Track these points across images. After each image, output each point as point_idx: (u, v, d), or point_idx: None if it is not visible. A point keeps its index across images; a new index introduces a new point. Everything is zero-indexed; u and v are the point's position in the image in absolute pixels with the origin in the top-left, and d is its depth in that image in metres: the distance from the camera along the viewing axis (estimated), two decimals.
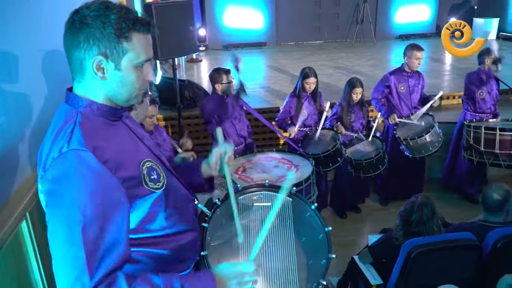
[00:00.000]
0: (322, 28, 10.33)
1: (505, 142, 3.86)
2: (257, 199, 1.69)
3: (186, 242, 1.48)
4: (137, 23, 1.26)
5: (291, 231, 1.61)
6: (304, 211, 1.68)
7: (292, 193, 1.72)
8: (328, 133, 4.12)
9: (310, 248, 1.60)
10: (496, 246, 2.46)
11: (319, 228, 1.64)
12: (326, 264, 1.55)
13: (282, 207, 1.64)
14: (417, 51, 4.27)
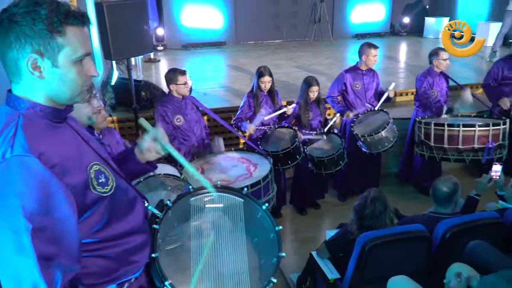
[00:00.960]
0: (281, 27, 10.41)
1: (453, 137, 4.02)
2: (209, 200, 1.67)
3: (135, 245, 1.45)
4: (70, 16, 1.21)
5: (243, 232, 1.61)
6: (255, 212, 1.69)
7: (244, 194, 1.72)
8: (286, 131, 4.15)
9: (262, 248, 1.61)
10: (445, 236, 2.56)
11: (270, 227, 1.65)
12: (276, 263, 1.56)
13: (234, 209, 1.64)
14: (373, 49, 4.39)
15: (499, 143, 3.98)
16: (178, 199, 1.64)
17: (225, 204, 1.66)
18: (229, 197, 1.69)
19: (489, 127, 3.94)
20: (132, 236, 1.44)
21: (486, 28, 8.82)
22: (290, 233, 4.46)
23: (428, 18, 10.35)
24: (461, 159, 4.11)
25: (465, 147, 3.99)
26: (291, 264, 3.81)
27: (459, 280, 1.93)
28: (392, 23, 10.81)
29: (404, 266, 2.53)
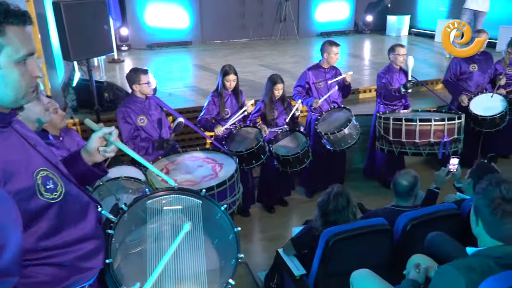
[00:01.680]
0: (247, 26, 10.41)
1: (410, 132, 4.15)
2: (167, 202, 1.65)
3: (87, 251, 1.41)
4: (10, 16, 1.16)
5: (202, 234, 1.59)
6: (214, 213, 1.67)
7: (202, 196, 1.70)
8: (251, 130, 4.15)
9: (222, 249, 1.60)
10: (405, 228, 2.62)
11: (229, 228, 1.64)
12: (235, 264, 1.55)
13: (192, 210, 1.62)
14: (334, 46, 4.45)
15: (454, 137, 4.13)
16: (134, 202, 1.61)
17: (183, 206, 1.64)
18: (187, 198, 1.67)
19: (444, 122, 4.07)
20: (84, 243, 1.40)
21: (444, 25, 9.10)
22: (258, 231, 4.47)
23: (390, 17, 10.60)
24: (418, 153, 4.24)
25: (421, 141, 4.12)
26: (260, 262, 3.82)
27: (418, 271, 1.98)
28: (356, 21, 11.01)
29: (367, 259, 2.57)
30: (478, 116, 4.79)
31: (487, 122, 4.78)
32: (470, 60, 4.98)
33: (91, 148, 1.54)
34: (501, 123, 4.79)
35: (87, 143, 1.55)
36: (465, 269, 1.55)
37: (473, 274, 1.53)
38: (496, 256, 1.57)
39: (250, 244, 4.22)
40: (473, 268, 1.55)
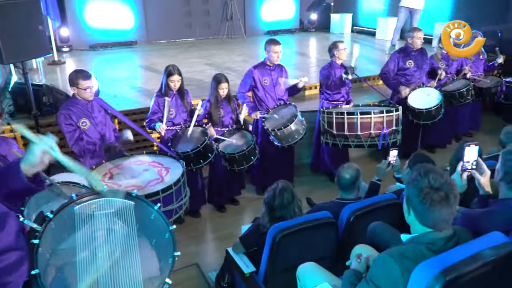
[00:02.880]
0: (193, 25, 10.30)
1: (352, 125, 4.32)
2: (97, 207, 1.60)
3: (7, 264, 1.34)
4: None
5: (138, 235, 1.56)
6: (149, 213, 1.65)
7: (134, 196, 1.67)
8: (197, 129, 4.12)
9: (160, 249, 1.58)
10: (349, 220, 2.71)
11: (165, 228, 1.63)
12: (172, 263, 1.54)
13: (125, 212, 1.59)
14: (275, 45, 4.50)
15: (393, 128, 4.34)
16: (60, 209, 1.54)
17: (115, 209, 1.60)
18: (118, 201, 1.63)
19: (383, 114, 4.27)
20: (4, 255, 1.33)
21: (385, 23, 9.50)
22: (210, 231, 4.46)
23: (333, 15, 10.88)
24: (361, 145, 4.41)
25: (363, 133, 4.30)
26: (212, 262, 3.81)
27: (359, 261, 2.06)
28: (302, 19, 11.20)
29: (314, 252, 2.64)
30: (416, 109, 5.04)
31: (424, 114, 5.04)
32: (407, 57, 5.22)
33: (32, 162, 1.46)
34: (437, 115, 5.07)
35: (27, 156, 1.47)
36: (399, 256, 1.63)
37: (407, 261, 1.61)
38: (427, 242, 1.66)
39: (202, 245, 4.19)
40: (406, 255, 1.63)
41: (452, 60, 5.78)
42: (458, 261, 1.50)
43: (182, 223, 4.41)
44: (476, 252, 1.55)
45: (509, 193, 1.95)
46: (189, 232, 4.32)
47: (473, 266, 1.51)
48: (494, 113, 6.83)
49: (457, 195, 1.64)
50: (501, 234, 1.67)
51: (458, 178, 2.12)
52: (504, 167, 1.93)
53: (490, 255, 1.56)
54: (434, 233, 1.67)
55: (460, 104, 5.55)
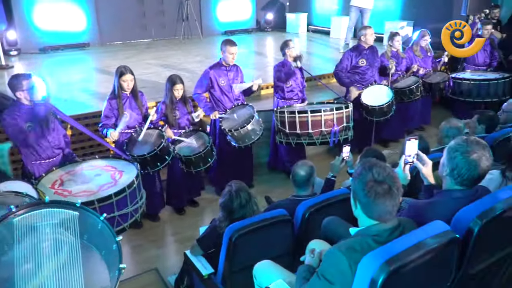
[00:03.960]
0: (148, 26, 10.12)
1: (303, 123, 4.40)
2: (38, 218, 1.54)
3: None
4: None
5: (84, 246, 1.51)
6: (95, 223, 1.60)
7: (78, 207, 1.62)
8: (153, 132, 4.06)
9: (109, 260, 1.54)
10: (304, 217, 2.75)
11: (111, 239, 1.59)
12: (118, 275, 1.50)
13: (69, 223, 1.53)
14: (231, 46, 4.50)
15: (343, 125, 4.45)
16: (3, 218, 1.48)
17: (58, 220, 1.54)
18: (61, 211, 1.58)
19: (333, 112, 4.37)
20: None
21: (338, 22, 9.72)
22: (170, 235, 4.39)
23: (288, 15, 11.02)
24: (312, 143, 4.50)
25: (314, 131, 4.38)
26: (172, 266, 3.76)
27: (312, 256, 2.09)
28: (258, 19, 11.26)
29: (271, 250, 2.65)
30: (369, 106, 5.19)
31: (376, 111, 5.20)
32: (359, 55, 5.36)
33: None
34: (389, 111, 5.25)
35: None
36: (347, 249, 1.68)
37: (354, 253, 1.66)
38: (373, 234, 1.71)
39: (162, 249, 4.13)
40: (354, 247, 1.68)
41: (401, 57, 5.99)
42: (401, 251, 1.56)
43: (141, 227, 4.33)
44: (419, 241, 1.62)
45: (454, 185, 2.03)
46: (148, 236, 4.24)
47: (416, 254, 1.57)
48: (443, 107, 7.13)
49: (400, 187, 1.70)
50: (443, 223, 1.75)
51: (401, 171, 2.21)
52: (450, 163, 2.00)
53: (432, 243, 1.63)
54: (379, 225, 1.72)
55: (411, 100, 5.76)
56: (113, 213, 3.06)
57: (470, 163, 1.91)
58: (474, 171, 1.91)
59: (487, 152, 1.94)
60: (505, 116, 3.96)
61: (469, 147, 1.92)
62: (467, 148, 1.93)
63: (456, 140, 1.99)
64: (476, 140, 1.97)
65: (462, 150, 1.93)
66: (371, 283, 1.52)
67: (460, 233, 1.80)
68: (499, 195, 1.94)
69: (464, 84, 5.98)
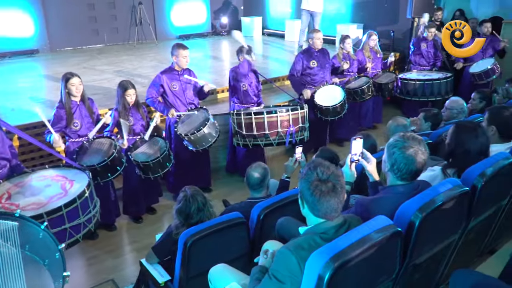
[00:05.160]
0: (100, 31, 9.87)
1: (260, 124, 4.46)
2: None
3: None
4: None
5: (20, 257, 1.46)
6: (36, 233, 1.56)
7: (17, 217, 1.57)
8: (105, 141, 3.96)
9: (53, 269, 1.50)
10: (259, 218, 2.78)
11: (54, 247, 1.55)
12: (62, 284, 1.47)
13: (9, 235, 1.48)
14: (183, 49, 4.49)
15: (299, 126, 4.54)
16: None
17: None
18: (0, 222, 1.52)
19: (288, 112, 4.45)
20: None
21: (292, 25, 9.87)
22: (127, 244, 4.31)
23: (243, 18, 11.08)
24: (269, 143, 4.57)
25: (271, 132, 4.46)
26: (129, 276, 3.69)
27: (266, 256, 2.12)
28: (213, 23, 11.25)
29: (227, 254, 2.66)
30: (322, 106, 5.32)
31: (330, 111, 5.34)
32: (310, 57, 5.49)
33: None
34: (342, 111, 5.40)
35: None
36: (295, 248, 1.72)
37: (303, 252, 1.70)
38: (321, 232, 1.77)
39: (119, 259, 4.03)
40: (302, 246, 1.72)
41: (352, 59, 6.18)
42: (346, 247, 1.62)
43: (96, 238, 4.22)
44: (363, 236, 1.68)
45: (396, 181, 2.13)
46: (104, 247, 4.14)
47: (360, 249, 1.63)
48: (394, 106, 7.42)
49: (343, 185, 1.76)
50: (385, 218, 1.83)
51: (347, 169, 2.29)
52: (390, 159, 2.10)
53: (375, 238, 1.69)
54: (326, 222, 1.78)
55: (363, 100, 5.96)
56: (64, 225, 2.97)
57: (408, 158, 2.01)
58: (411, 165, 2.02)
59: (423, 147, 2.05)
60: (448, 113, 4.16)
61: (406, 143, 2.03)
62: (404, 144, 2.03)
63: (394, 137, 2.09)
64: (412, 136, 2.08)
65: (400, 146, 2.03)
66: (318, 280, 1.57)
67: (403, 226, 1.89)
68: (438, 188, 2.04)
69: (410, 84, 6.26)
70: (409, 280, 2.08)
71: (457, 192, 2.04)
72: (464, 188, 2.09)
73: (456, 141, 2.44)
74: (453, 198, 2.02)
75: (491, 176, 2.23)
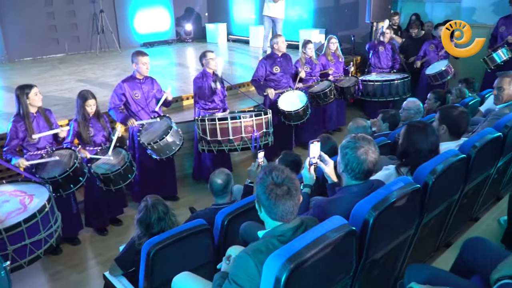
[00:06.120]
0: (61, 40, 9.64)
1: (224, 130, 4.49)
2: None
3: None
4: None
5: None
6: None
7: None
8: (65, 152, 3.89)
9: None
10: (223, 224, 2.79)
11: None
12: None
13: None
14: (142, 56, 4.46)
15: (263, 131, 4.59)
16: None
17: None
18: None
19: (252, 118, 4.50)
20: None
21: (256, 31, 9.96)
22: (91, 257, 4.22)
23: (208, 25, 11.09)
24: (234, 149, 4.62)
25: (235, 137, 4.50)
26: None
27: (228, 262, 2.13)
28: (178, 30, 11.20)
29: (192, 262, 2.65)
30: (286, 111, 5.40)
31: (293, 116, 5.42)
32: (273, 63, 5.57)
33: None
34: (305, 115, 5.50)
35: None
36: (253, 252, 1.74)
37: (261, 255, 1.72)
38: (278, 235, 1.80)
39: (83, 273, 3.95)
40: (260, 249, 1.75)
41: (315, 64, 6.30)
42: (302, 248, 1.65)
43: (60, 253, 4.11)
44: (318, 236, 1.73)
45: (351, 181, 2.20)
46: (68, 262, 4.04)
47: (315, 249, 1.67)
48: (357, 108, 7.60)
49: (298, 187, 1.80)
50: (340, 217, 1.88)
51: (306, 172, 2.34)
52: (343, 160, 2.17)
53: (330, 237, 1.74)
54: (283, 225, 1.81)
55: (326, 103, 6.08)
56: (24, 241, 2.90)
57: (359, 157, 2.09)
58: (363, 164, 2.10)
59: (373, 146, 2.13)
60: (405, 113, 4.31)
61: (357, 143, 2.11)
62: (356, 144, 2.11)
63: (346, 139, 2.17)
64: (363, 136, 2.16)
65: (351, 146, 2.11)
66: (276, 282, 1.59)
67: (358, 225, 1.95)
68: (391, 186, 2.12)
69: (370, 85, 6.45)
70: (368, 276, 2.14)
71: (409, 190, 2.12)
72: (415, 185, 2.17)
73: (408, 141, 2.54)
74: (405, 195, 2.10)
75: (441, 172, 2.33)
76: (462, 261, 2.18)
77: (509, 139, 3.02)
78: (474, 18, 7.29)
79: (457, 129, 2.87)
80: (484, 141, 2.73)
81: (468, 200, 2.92)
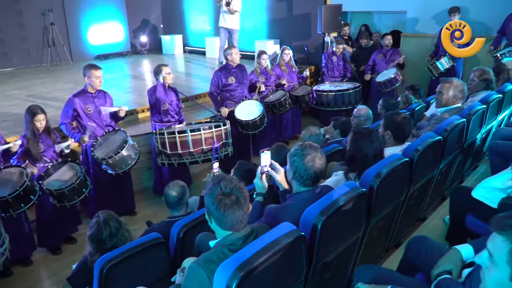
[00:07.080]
0: (9, 54, 9.30)
1: (184, 143, 4.47)
2: None
3: None
4: None
5: None
6: None
7: None
8: (14, 170, 3.75)
9: None
10: (179, 236, 2.78)
11: None
12: None
13: None
14: (95, 69, 4.39)
15: (223, 141, 4.62)
16: None
17: None
18: None
19: (212, 129, 4.52)
20: None
21: (212, 42, 10.02)
22: (45, 278, 4.08)
23: (164, 36, 11.05)
24: (195, 161, 4.60)
25: (196, 149, 4.48)
26: None
27: (182, 274, 2.14)
28: (133, 42, 11.07)
29: (148, 276, 2.63)
30: (243, 121, 5.46)
31: (250, 125, 5.49)
32: (228, 74, 5.63)
33: None
34: (262, 124, 5.58)
35: None
36: (204, 262, 1.76)
37: (212, 265, 1.75)
38: (229, 244, 1.83)
39: None
40: (211, 259, 1.78)
41: (270, 74, 6.42)
42: (251, 255, 1.69)
43: (11, 275, 3.93)
44: (267, 243, 1.77)
45: (300, 188, 2.28)
46: (20, 284, 3.89)
47: (265, 256, 1.71)
48: (312, 116, 7.79)
49: (247, 196, 1.85)
50: (289, 224, 1.93)
51: (258, 180, 2.40)
52: (292, 168, 2.25)
53: (278, 244, 1.79)
54: (233, 234, 1.85)
55: (281, 112, 6.20)
56: None
57: (306, 164, 2.17)
58: (310, 170, 2.18)
59: (319, 153, 2.22)
60: (356, 121, 4.48)
61: (304, 151, 2.19)
62: (303, 152, 2.19)
63: (294, 147, 2.25)
64: (310, 144, 2.25)
65: (299, 154, 2.19)
66: None
67: (307, 230, 2.01)
68: (338, 191, 2.20)
69: (324, 95, 6.64)
70: (320, 280, 2.21)
71: (355, 194, 2.22)
72: (361, 190, 2.27)
73: (354, 147, 2.65)
74: (352, 200, 2.18)
75: (386, 176, 2.44)
76: (407, 260, 2.29)
77: (449, 142, 3.21)
78: (417, 29, 7.71)
79: (401, 134, 3.03)
80: (425, 144, 2.89)
81: (414, 201, 3.07)
